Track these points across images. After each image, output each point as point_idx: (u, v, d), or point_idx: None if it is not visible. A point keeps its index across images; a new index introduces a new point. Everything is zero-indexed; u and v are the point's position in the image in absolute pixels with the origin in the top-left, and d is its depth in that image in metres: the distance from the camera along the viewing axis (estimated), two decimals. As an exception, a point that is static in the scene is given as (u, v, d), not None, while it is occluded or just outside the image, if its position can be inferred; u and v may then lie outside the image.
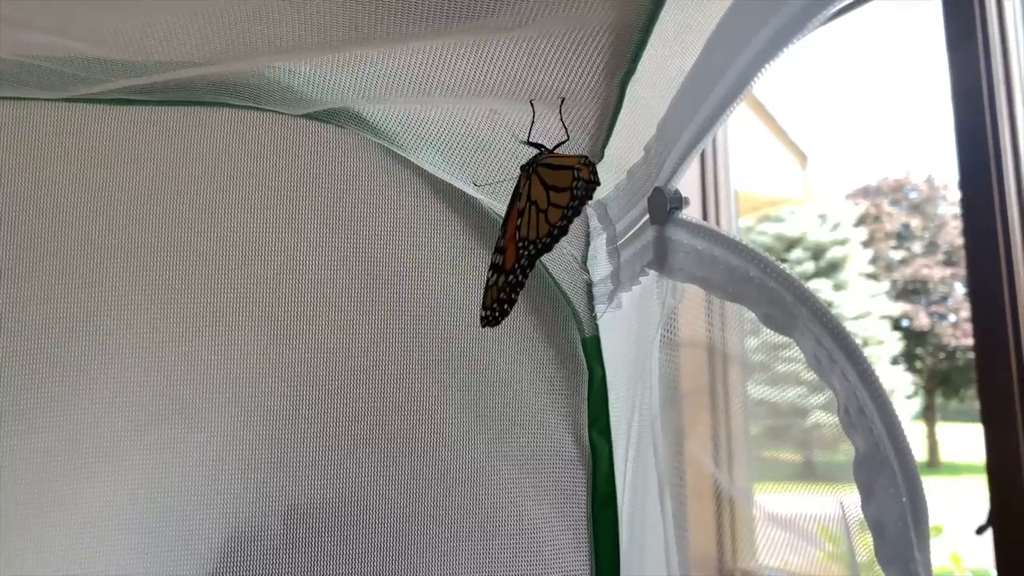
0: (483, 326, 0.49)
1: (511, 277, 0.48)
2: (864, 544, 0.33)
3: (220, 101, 0.58)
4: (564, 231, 0.47)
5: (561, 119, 0.49)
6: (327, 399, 0.59)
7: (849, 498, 0.35)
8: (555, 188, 0.47)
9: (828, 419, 0.35)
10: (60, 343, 0.57)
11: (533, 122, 0.49)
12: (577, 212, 0.47)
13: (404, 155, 0.60)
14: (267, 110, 0.60)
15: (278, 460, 0.58)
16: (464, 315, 0.60)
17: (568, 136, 0.49)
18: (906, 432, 0.31)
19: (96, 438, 0.57)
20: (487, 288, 0.49)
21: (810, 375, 0.35)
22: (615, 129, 0.51)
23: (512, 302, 0.49)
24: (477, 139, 0.54)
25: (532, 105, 0.49)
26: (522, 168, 0.48)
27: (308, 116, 0.60)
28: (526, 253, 0.48)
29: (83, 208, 0.58)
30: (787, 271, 0.35)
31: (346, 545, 0.57)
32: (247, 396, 0.58)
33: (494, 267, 0.49)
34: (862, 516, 0.33)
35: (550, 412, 0.60)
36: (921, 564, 0.30)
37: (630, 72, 0.46)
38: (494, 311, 0.49)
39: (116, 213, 0.58)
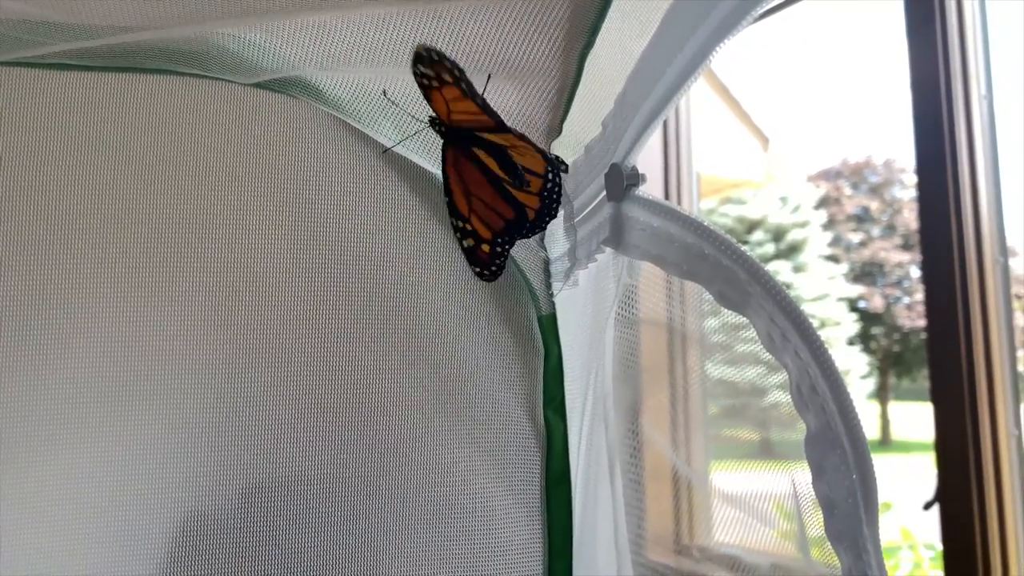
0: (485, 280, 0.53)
1: (498, 248, 0.51)
2: (817, 520, 0.33)
3: (166, 68, 0.56)
4: (553, 214, 0.49)
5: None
6: (283, 377, 0.58)
7: (801, 475, 0.35)
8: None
9: (785, 398, 0.35)
10: (9, 321, 0.55)
11: (484, 90, 0.48)
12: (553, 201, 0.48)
13: (358, 127, 0.59)
14: (215, 78, 0.57)
15: (235, 437, 0.57)
16: (417, 291, 0.59)
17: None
18: (858, 410, 0.32)
19: (47, 417, 0.55)
20: (467, 250, 0.52)
21: (769, 355, 0.35)
22: (573, 104, 0.50)
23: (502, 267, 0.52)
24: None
25: (488, 78, 0.48)
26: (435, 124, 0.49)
27: (259, 85, 0.58)
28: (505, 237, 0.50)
29: (13, 176, 0.56)
30: (741, 249, 0.35)
31: (301, 522, 0.57)
32: (203, 373, 0.57)
33: (462, 231, 0.51)
34: (814, 493, 0.33)
35: (505, 390, 0.59)
36: (870, 540, 0.31)
37: (589, 45, 0.46)
38: (490, 269, 0.52)
39: (50, 183, 0.56)
